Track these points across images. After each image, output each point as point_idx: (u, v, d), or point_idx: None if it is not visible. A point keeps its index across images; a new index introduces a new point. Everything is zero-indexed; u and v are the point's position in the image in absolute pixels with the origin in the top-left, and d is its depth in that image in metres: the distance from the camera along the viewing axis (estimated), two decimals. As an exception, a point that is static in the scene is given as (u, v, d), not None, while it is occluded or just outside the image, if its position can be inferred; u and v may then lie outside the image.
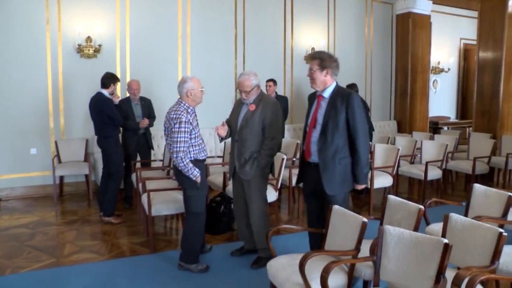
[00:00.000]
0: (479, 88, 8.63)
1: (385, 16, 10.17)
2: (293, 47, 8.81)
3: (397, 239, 2.72)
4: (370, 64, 9.94)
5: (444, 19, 11.19)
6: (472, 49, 11.13)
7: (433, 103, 10.94)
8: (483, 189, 3.96)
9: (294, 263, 2.92)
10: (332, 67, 3.60)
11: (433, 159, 6.84)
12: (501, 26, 8.21)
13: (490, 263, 2.78)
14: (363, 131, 3.52)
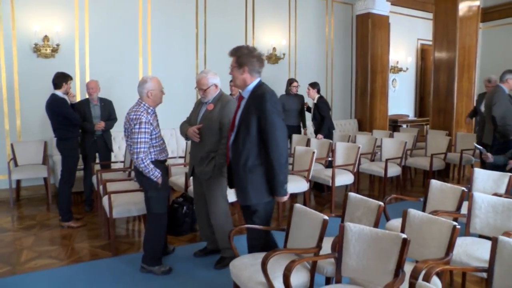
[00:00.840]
0: (435, 87, 8.91)
1: (345, 16, 10.33)
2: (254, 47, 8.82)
3: (357, 236, 2.77)
4: (331, 64, 10.07)
5: (402, 20, 11.46)
6: (428, 49, 11.43)
7: (392, 101, 11.18)
8: (439, 184, 4.09)
9: (257, 262, 2.93)
10: (251, 63, 3.25)
11: (392, 156, 7.00)
12: (454, 28, 8.52)
13: (445, 255, 2.87)
14: (277, 137, 3.13)
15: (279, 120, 3.16)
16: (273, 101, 3.17)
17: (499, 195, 4.21)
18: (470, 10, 8.68)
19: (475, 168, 4.94)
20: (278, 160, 3.13)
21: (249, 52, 3.27)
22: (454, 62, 8.53)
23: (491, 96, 6.22)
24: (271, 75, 8.98)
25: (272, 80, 8.86)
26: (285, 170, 3.19)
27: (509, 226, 3.48)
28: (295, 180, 5.74)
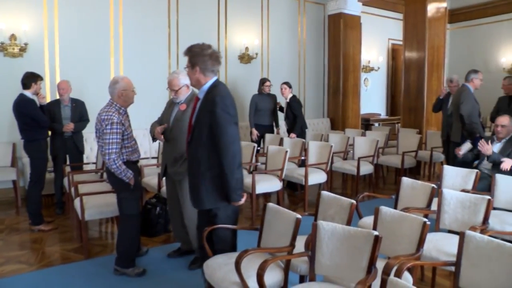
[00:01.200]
0: (406, 86, 9.08)
1: (317, 16, 10.41)
2: (227, 47, 8.82)
3: (330, 234, 2.80)
4: (303, 63, 10.13)
5: (373, 20, 11.59)
6: (399, 49, 11.61)
7: (365, 100, 11.31)
8: (410, 181, 4.17)
9: (231, 262, 2.93)
10: (203, 62, 3.11)
11: (365, 154, 7.08)
12: (423, 29, 8.69)
13: (415, 250, 2.93)
14: (226, 141, 3.02)
15: (229, 124, 3.03)
16: (224, 104, 3.02)
17: (466, 191, 4.34)
18: (438, 11, 8.88)
19: (444, 166, 5.05)
20: (228, 166, 3.03)
21: (201, 50, 3.13)
22: (424, 61, 8.70)
23: (458, 95, 6.37)
24: (244, 74, 9.00)
25: (245, 80, 8.94)
26: (237, 176, 3.08)
27: (475, 221, 3.57)
28: (268, 180, 5.77)
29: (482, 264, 2.64)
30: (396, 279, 2.13)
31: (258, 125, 7.58)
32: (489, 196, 3.73)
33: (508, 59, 11.82)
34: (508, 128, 5.19)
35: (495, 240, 2.64)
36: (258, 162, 6.55)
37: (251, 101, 7.61)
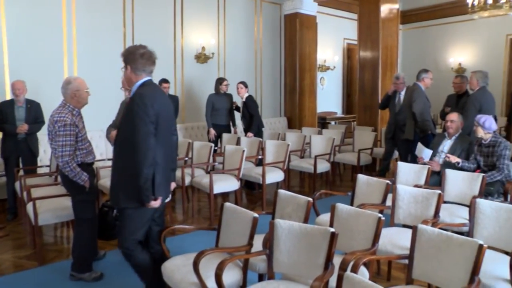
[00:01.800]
0: (361, 85, 9.27)
1: (273, 16, 10.46)
2: (183, 46, 8.74)
3: (287, 232, 2.83)
4: (260, 63, 10.17)
5: (329, 20, 11.75)
6: (354, 49, 11.82)
7: (321, 99, 11.45)
8: (366, 178, 4.27)
9: (189, 263, 2.93)
10: (133, 62, 3.11)
11: (321, 152, 7.18)
12: (377, 29, 8.90)
13: (371, 245, 3.01)
14: (137, 140, 2.94)
15: (143, 124, 2.95)
16: (143, 103, 2.96)
17: (419, 186, 4.49)
18: (391, 12, 9.11)
19: (398, 162, 5.19)
20: (137, 164, 2.94)
21: (133, 50, 3.15)
22: (378, 61, 8.91)
23: (410, 94, 6.56)
24: (201, 74, 8.95)
25: (202, 80, 8.90)
26: (146, 175, 2.96)
27: (427, 215, 3.70)
28: (225, 179, 5.77)
29: (433, 256, 2.74)
30: (351, 274, 2.18)
31: (215, 125, 7.56)
32: (439, 190, 3.87)
33: (456, 59, 12.31)
34: (457, 124, 5.38)
35: (444, 232, 2.75)
36: (215, 162, 6.54)
37: (208, 101, 7.58)
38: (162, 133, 3.08)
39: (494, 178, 4.74)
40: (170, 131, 3.30)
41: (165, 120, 3.12)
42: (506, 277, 2.90)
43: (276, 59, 10.57)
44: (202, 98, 8.62)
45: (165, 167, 3.14)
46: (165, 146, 3.14)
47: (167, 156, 3.17)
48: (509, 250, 3.02)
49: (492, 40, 11.64)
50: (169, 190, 3.37)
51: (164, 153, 3.11)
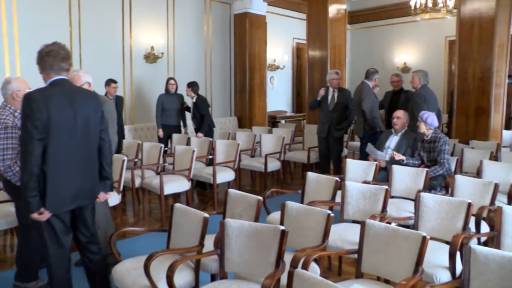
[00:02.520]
0: (310, 84, 9.41)
1: (223, 15, 10.43)
2: (132, 46, 8.56)
3: (238, 231, 2.83)
4: (209, 62, 10.11)
5: (278, 20, 11.84)
6: (303, 48, 11.96)
7: (271, 98, 11.52)
8: (315, 176, 4.33)
9: (140, 266, 2.87)
10: (41, 61, 3.00)
11: (272, 151, 7.23)
12: (325, 29, 9.08)
13: (321, 242, 3.05)
14: (22, 141, 2.85)
15: (25, 128, 2.79)
16: (28, 107, 2.80)
17: (367, 182, 4.59)
18: (338, 12, 9.30)
19: (347, 159, 5.30)
20: (21, 163, 2.85)
21: (40, 49, 3.01)
22: (326, 60, 9.08)
23: (360, 92, 6.70)
24: (150, 74, 8.81)
25: (151, 80, 8.77)
26: (25, 184, 2.79)
27: (375, 210, 3.80)
28: (176, 180, 5.71)
29: (380, 249, 2.82)
30: (302, 271, 2.20)
31: (165, 125, 7.47)
32: (387, 186, 3.98)
33: (401, 59, 12.77)
34: (403, 121, 5.55)
35: (391, 226, 2.84)
36: (165, 162, 6.45)
37: (158, 101, 7.49)
38: (61, 138, 2.87)
39: (436, 173, 4.94)
40: (77, 135, 2.98)
41: (64, 124, 2.89)
42: (446, 265, 3.04)
43: (226, 58, 10.55)
44: (152, 99, 8.49)
45: (65, 176, 2.92)
46: (67, 152, 2.92)
47: (73, 163, 2.96)
48: (449, 240, 3.14)
49: (433, 42, 12.14)
50: (80, 202, 3.07)
51: (64, 161, 2.90)
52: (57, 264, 3.03)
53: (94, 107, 3.10)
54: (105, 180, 3.25)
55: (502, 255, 2.40)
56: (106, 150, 3.21)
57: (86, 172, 3.05)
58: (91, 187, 3.11)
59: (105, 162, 3.22)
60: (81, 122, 2.98)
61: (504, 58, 7.07)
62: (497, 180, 4.21)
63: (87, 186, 3.07)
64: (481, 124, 7.02)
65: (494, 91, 6.90)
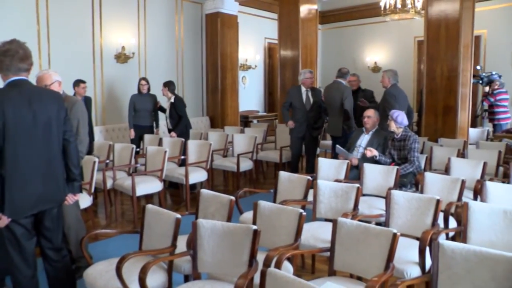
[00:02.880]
0: (282, 83, 9.46)
1: (195, 15, 10.38)
2: (102, 46, 8.44)
3: (210, 231, 2.82)
4: (181, 62, 10.05)
5: (250, 19, 11.84)
6: (275, 48, 12.00)
7: (243, 98, 11.52)
8: (287, 175, 4.36)
9: (112, 269, 2.84)
10: None
11: (244, 151, 7.23)
12: (296, 29, 9.13)
13: (294, 241, 3.07)
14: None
15: None
16: None
17: (339, 180, 4.64)
18: (310, 12, 9.36)
19: (319, 158, 5.34)
20: None
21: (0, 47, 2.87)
22: (298, 59, 9.14)
23: (341, 92, 6.72)
24: (121, 74, 8.70)
25: (123, 80, 8.66)
26: None
27: (347, 208, 3.84)
28: (148, 181, 5.66)
29: (352, 247, 2.86)
30: (274, 270, 2.21)
31: (137, 126, 7.40)
32: (358, 184, 4.04)
33: (372, 58, 12.95)
34: (373, 120, 5.63)
35: (362, 224, 2.87)
36: (137, 163, 6.39)
37: (130, 101, 7.42)
38: (19, 141, 2.78)
39: (407, 170, 5.03)
40: (37, 138, 2.89)
41: (22, 126, 2.80)
42: (416, 260, 3.10)
43: (198, 58, 10.50)
44: (123, 99, 8.39)
45: (24, 180, 2.83)
46: (27, 155, 2.83)
47: (33, 167, 2.87)
48: (419, 236, 3.21)
49: (403, 42, 12.35)
50: (42, 206, 2.98)
51: (23, 164, 2.82)
52: (20, 270, 2.95)
53: (57, 108, 2.99)
54: (73, 181, 3.17)
55: (467, 248, 2.46)
56: (71, 151, 3.11)
57: (48, 175, 2.96)
58: (54, 190, 3.02)
59: (71, 164, 3.12)
60: (42, 124, 2.88)
61: (469, 59, 7.24)
62: (464, 176, 4.32)
63: (49, 190, 2.97)
64: (449, 122, 7.18)
65: (461, 90, 7.07)
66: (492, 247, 2.88)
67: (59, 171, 3.06)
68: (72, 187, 3.18)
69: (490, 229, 3.17)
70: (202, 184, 6.48)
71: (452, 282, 2.47)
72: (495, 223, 3.16)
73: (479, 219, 3.21)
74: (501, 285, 2.33)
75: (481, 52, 10.92)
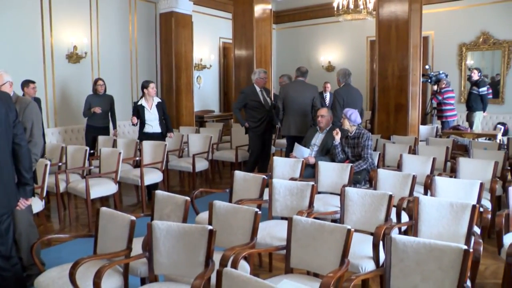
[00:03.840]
0: (237, 83, 9.48)
1: (149, 14, 10.24)
2: (53, 45, 8.19)
3: (165, 233, 2.80)
4: (135, 62, 9.90)
5: (205, 19, 11.79)
6: (229, 48, 11.98)
7: (198, 98, 11.48)
8: (243, 174, 4.37)
9: (65, 274, 2.76)
10: None
11: (199, 151, 7.19)
12: (251, 28, 9.16)
13: (250, 240, 3.08)
14: None
15: None
16: None
17: (294, 179, 4.69)
18: (264, 12, 9.42)
19: (274, 157, 5.38)
20: None
21: None
22: (253, 59, 9.17)
23: (311, 91, 6.73)
24: (74, 74, 8.49)
25: (75, 80, 8.44)
26: None
27: (302, 206, 3.89)
28: (103, 183, 5.54)
29: (308, 244, 2.90)
30: (230, 269, 2.22)
31: (92, 127, 7.26)
32: (313, 182, 4.09)
33: (326, 58, 13.17)
34: (327, 119, 5.73)
35: (317, 221, 2.92)
36: (91, 165, 6.24)
37: (86, 102, 7.31)
38: None
39: (360, 167, 5.14)
40: None
41: None
42: (370, 255, 3.19)
43: (152, 58, 10.38)
44: (76, 100, 8.19)
45: None
46: None
47: None
48: (373, 231, 3.29)
49: (356, 41, 12.61)
50: None
51: None
52: None
53: (5, 111, 2.89)
54: (24, 186, 3.08)
55: (417, 241, 2.55)
56: (22, 155, 3.03)
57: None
58: (3, 196, 2.92)
59: (23, 168, 3.04)
60: None
61: (418, 58, 7.47)
62: (415, 172, 4.47)
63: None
64: (401, 119, 7.38)
65: (411, 89, 7.28)
66: (441, 238, 3.01)
67: (8, 176, 2.96)
68: (24, 191, 3.10)
69: (439, 221, 3.29)
70: (158, 185, 6.40)
71: (404, 274, 2.55)
72: (443, 215, 3.28)
73: (428, 212, 3.33)
74: (447, 273, 2.44)
75: (429, 52, 11.32)
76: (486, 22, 10.59)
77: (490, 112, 10.25)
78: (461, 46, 10.99)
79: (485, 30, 10.65)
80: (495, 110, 10.53)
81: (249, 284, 2.06)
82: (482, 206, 4.00)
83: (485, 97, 9.18)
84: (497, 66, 10.75)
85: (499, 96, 10.66)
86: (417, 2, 7.36)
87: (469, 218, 3.20)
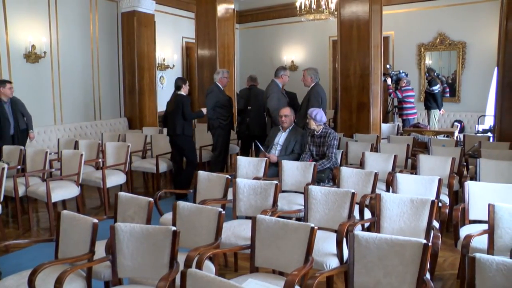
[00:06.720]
0: (200, 82, 9.46)
1: (110, 13, 10.07)
2: (9, 44, 7.94)
3: (129, 235, 2.77)
4: (97, 62, 9.71)
5: (167, 18, 11.68)
6: (192, 47, 11.88)
7: (161, 98, 11.31)
8: (206, 174, 4.37)
9: (24, 282, 2.69)
10: None
11: (163, 152, 7.12)
12: (214, 28, 9.13)
13: (214, 240, 3.08)
14: None
15: None
16: None
17: (258, 178, 4.71)
18: (227, 12, 9.41)
19: (238, 157, 5.39)
20: None
21: None
22: (216, 58, 9.15)
23: (266, 91, 6.82)
24: (32, 75, 8.26)
25: (34, 80, 8.21)
26: None
27: (266, 205, 3.91)
28: (64, 186, 5.42)
29: (272, 243, 2.92)
30: (194, 270, 2.22)
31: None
32: (277, 181, 4.12)
33: (289, 57, 13.26)
34: (290, 118, 5.78)
35: (281, 220, 2.95)
36: (52, 168, 6.10)
37: None
38: None
39: (324, 166, 5.21)
40: None
41: None
42: (334, 252, 3.24)
43: (114, 58, 10.21)
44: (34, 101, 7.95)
45: None
46: None
47: None
48: (336, 229, 3.34)
49: (318, 41, 12.77)
50: None
51: None
52: None
53: None
54: None
55: (379, 237, 2.61)
56: None
57: None
58: None
59: None
60: None
61: (379, 58, 7.62)
62: (377, 169, 4.57)
63: None
64: (363, 118, 7.52)
65: (373, 88, 7.42)
66: (402, 234, 3.09)
67: None
68: None
69: (400, 217, 3.38)
70: (121, 187, 6.31)
71: (367, 270, 2.61)
72: (404, 211, 3.37)
73: (390, 208, 3.41)
74: (408, 268, 2.51)
75: (390, 52, 11.57)
76: (442, 23, 10.94)
77: (448, 110, 10.60)
78: (420, 46, 11.30)
79: (441, 31, 10.99)
80: (452, 108, 10.89)
81: (214, 284, 2.06)
82: (441, 201, 4.12)
83: (438, 95, 9.55)
84: (453, 66, 11.10)
85: (456, 95, 11.00)
86: (378, 3, 7.50)
87: (429, 213, 3.30)
